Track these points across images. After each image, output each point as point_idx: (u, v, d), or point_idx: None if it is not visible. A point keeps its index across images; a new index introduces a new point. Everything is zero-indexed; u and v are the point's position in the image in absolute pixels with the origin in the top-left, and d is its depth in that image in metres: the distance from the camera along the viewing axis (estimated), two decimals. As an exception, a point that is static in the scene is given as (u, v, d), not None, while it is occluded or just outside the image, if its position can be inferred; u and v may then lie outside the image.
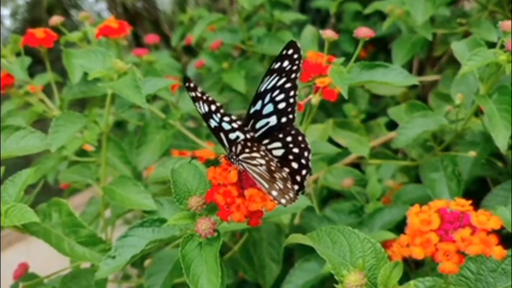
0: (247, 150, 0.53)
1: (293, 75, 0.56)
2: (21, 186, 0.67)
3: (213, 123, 0.54)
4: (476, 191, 1.01)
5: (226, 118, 0.52)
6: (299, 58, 0.55)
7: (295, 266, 0.85)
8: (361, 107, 1.32)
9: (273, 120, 0.56)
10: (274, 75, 0.56)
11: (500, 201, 0.82)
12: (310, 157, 0.55)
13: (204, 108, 0.53)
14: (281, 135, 0.56)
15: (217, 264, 0.52)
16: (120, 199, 0.75)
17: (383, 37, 1.41)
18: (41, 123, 0.97)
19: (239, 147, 0.54)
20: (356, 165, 1.11)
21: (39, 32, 0.92)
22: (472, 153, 0.84)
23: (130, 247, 0.61)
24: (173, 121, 0.96)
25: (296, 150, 0.55)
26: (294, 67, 0.55)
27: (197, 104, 0.53)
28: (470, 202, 0.43)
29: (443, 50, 1.30)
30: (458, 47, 0.82)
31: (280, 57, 0.56)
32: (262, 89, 0.56)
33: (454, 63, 1.07)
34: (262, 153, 0.53)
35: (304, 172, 0.55)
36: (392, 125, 1.12)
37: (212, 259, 0.53)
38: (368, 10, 1.28)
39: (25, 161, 1.09)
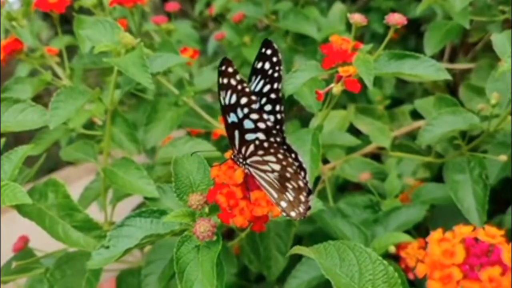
0: (260, 153, 0.47)
1: (275, 85, 0.48)
2: (16, 163, 0.63)
3: (232, 118, 0.46)
4: (502, 191, 0.95)
5: (254, 116, 0.45)
6: (279, 63, 0.48)
7: (302, 260, 0.80)
8: (386, 92, 1.26)
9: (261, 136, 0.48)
10: (259, 77, 0.48)
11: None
12: (307, 177, 0.48)
13: (231, 99, 0.45)
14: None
15: (213, 271, 0.48)
16: (121, 183, 0.71)
17: (416, 18, 1.33)
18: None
19: (251, 148, 0.47)
20: (376, 154, 1.05)
21: (51, -4, 0.88)
22: (503, 157, 0.77)
23: (126, 238, 0.57)
24: (186, 98, 0.91)
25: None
26: (276, 74, 0.48)
27: (223, 92, 0.46)
28: (502, 233, 0.38)
29: (478, 37, 1.22)
30: (498, 40, 0.75)
31: (259, 55, 0.48)
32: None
33: (489, 51, 0.99)
34: (280, 156, 0.46)
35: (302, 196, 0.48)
36: (417, 113, 1.06)
37: (208, 264, 0.48)
38: (403, -10, 1.20)
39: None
